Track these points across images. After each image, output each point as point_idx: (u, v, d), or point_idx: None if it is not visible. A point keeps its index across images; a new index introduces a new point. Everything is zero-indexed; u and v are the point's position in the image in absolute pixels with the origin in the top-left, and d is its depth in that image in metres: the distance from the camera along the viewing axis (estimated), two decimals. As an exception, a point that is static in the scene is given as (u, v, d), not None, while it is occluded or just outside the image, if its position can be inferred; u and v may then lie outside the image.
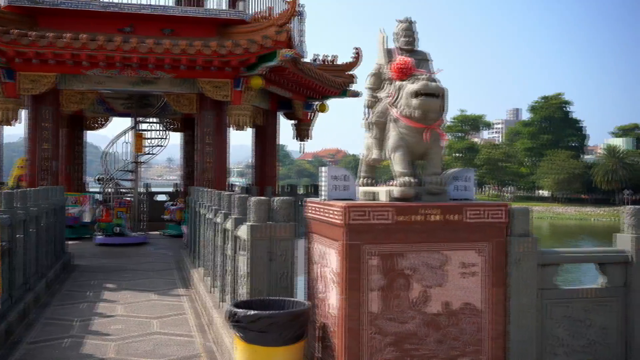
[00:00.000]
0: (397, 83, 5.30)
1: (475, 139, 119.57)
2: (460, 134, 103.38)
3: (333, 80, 17.91)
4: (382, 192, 5.31)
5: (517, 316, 5.22)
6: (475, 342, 5.15)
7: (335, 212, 5.04)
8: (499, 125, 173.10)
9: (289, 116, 19.86)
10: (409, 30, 5.74)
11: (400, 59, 5.36)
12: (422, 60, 5.73)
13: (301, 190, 19.42)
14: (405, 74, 5.29)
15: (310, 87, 17.40)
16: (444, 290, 5.09)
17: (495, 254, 5.21)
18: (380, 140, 5.56)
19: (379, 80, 5.86)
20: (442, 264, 5.10)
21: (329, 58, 19.14)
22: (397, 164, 5.23)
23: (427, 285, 5.07)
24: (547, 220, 74.97)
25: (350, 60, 19.50)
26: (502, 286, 5.22)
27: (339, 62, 19.56)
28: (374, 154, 5.64)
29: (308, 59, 18.59)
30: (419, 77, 5.19)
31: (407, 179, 5.12)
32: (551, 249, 5.57)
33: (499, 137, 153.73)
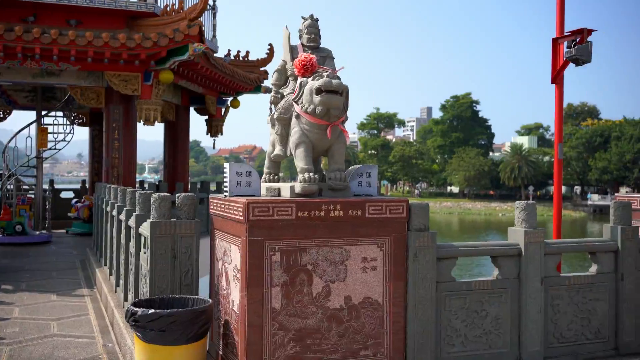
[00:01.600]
0: (301, 80, 5.33)
1: (390, 137, 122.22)
2: (374, 132, 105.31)
3: (246, 76, 17.79)
4: (285, 188, 5.33)
5: (416, 309, 5.37)
6: (376, 335, 5.25)
7: (237, 209, 5.01)
8: (412, 123, 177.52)
9: (201, 111, 19.56)
10: (312, 28, 5.78)
11: (303, 55, 5.39)
12: (326, 57, 5.79)
13: (214, 187, 19.18)
14: (308, 70, 5.32)
15: (222, 82, 17.21)
16: (345, 285, 5.16)
17: (395, 249, 5.33)
18: (284, 137, 5.57)
19: (283, 77, 5.88)
20: (344, 259, 5.17)
21: (242, 54, 18.99)
22: (299, 160, 5.26)
23: (328, 280, 5.12)
24: (457, 215, 77.68)
25: (264, 56, 19.44)
26: (401, 280, 5.35)
27: (253, 58, 19.45)
28: (278, 150, 5.65)
29: (221, 54, 18.37)
30: (322, 74, 5.23)
31: (309, 175, 5.15)
32: (448, 243, 5.76)
33: (412, 134, 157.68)
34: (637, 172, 73.79)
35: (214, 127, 19.48)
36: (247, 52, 19.17)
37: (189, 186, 17.80)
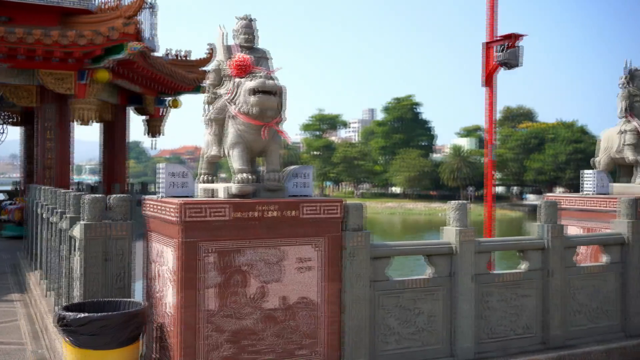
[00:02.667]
0: (236, 80, 5.30)
1: (333, 138, 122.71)
2: (318, 133, 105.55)
3: (185, 75, 17.56)
4: (221, 189, 5.29)
5: (351, 307, 5.42)
6: (312, 335, 5.28)
7: (171, 210, 4.95)
8: (355, 125, 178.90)
9: (140, 111, 19.20)
10: (248, 28, 5.76)
11: (239, 56, 5.36)
12: (262, 58, 5.77)
13: (153, 188, 18.85)
14: (243, 71, 5.30)
15: (161, 82, 16.94)
16: (281, 285, 5.17)
17: (331, 248, 5.37)
18: (219, 137, 5.53)
19: (219, 77, 5.83)
20: (280, 259, 5.18)
21: (182, 53, 18.74)
22: (235, 160, 5.23)
23: (264, 281, 5.12)
24: (399, 215, 78.71)
25: (205, 56, 19.22)
26: (337, 279, 5.39)
27: (193, 57, 19.21)
28: (213, 150, 5.60)
29: (160, 53, 18.08)
30: (257, 74, 5.22)
31: (245, 175, 5.13)
32: (383, 242, 5.84)
33: (355, 135, 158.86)
34: (570, 173, 76.42)
35: (153, 128, 19.16)
36: (187, 52, 18.93)
37: (127, 187, 17.45)
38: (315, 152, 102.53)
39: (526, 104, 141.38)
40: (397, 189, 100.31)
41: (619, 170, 8.33)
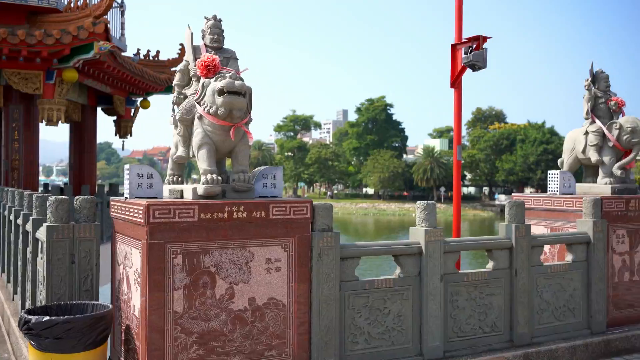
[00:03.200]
0: (203, 80, 5.28)
1: (306, 139, 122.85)
2: (291, 134, 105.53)
3: (156, 76, 17.42)
4: (188, 190, 5.26)
5: (320, 308, 5.43)
6: (281, 335, 5.28)
7: (138, 211, 4.91)
8: (329, 126, 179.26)
9: (109, 112, 18.99)
10: (215, 28, 5.74)
11: (206, 56, 5.34)
12: (230, 58, 5.76)
13: (123, 190, 18.65)
14: (211, 71, 5.28)
15: (131, 82, 16.78)
16: (249, 287, 5.16)
17: (299, 249, 5.38)
18: (187, 138, 5.50)
19: (186, 77, 5.81)
20: (248, 260, 5.17)
21: (152, 53, 18.59)
22: (202, 161, 5.21)
23: (232, 282, 5.10)
24: (372, 216, 79.11)
25: (176, 56, 19.10)
26: (306, 280, 5.40)
27: (164, 58, 19.07)
28: (180, 151, 5.57)
29: (130, 53, 17.91)
30: (224, 75, 5.20)
31: (212, 176, 5.11)
32: (352, 242, 5.86)
33: (328, 136, 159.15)
34: (540, 173, 77.55)
35: (123, 128, 18.96)
36: (158, 52, 18.78)
37: (97, 189, 17.24)
38: (288, 153, 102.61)
39: (497, 105, 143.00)
40: (370, 190, 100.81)
41: (585, 171, 8.47)
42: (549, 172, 8.01)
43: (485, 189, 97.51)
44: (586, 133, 8.00)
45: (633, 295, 7.52)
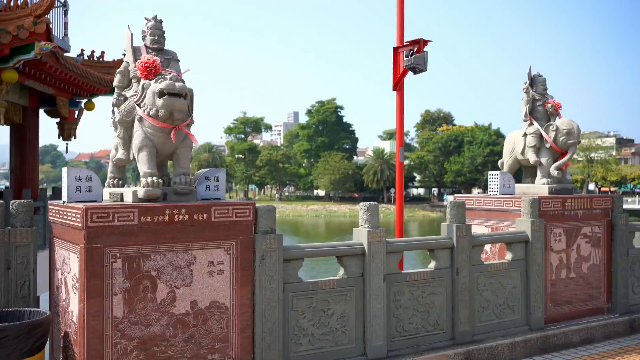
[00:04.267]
0: (143, 82, 5.21)
1: (257, 141, 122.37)
2: (242, 136, 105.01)
3: (101, 77, 17.05)
4: (128, 193, 5.19)
5: (263, 310, 5.43)
6: (224, 339, 5.25)
7: (75, 215, 4.81)
8: (280, 128, 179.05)
9: (52, 114, 18.46)
10: (156, 29, 5.68)
11: (146, 57, 5.28)
12: (171, 59, 5.70)
13: (67, 193, 18.17)
14: (151, 72, 5.23)
15: (74, 83, 16.37)
16: (191, 290, 5.12)
17: (242, 252, 5.36)
18: (127, 140, 5.43)
19: (126, 79, 5.73)
20: (189, 263, 5.12)
21: (97, 54, 18.19)
22: (142, 164, 5.15)
23: (174, 286, 5.05)
24: (324, 217, 79.35)
25: (122, 57, 18.74)
26: (248, 282, 5.39)
27: (110, 58, 18.69)
28: (120, 153, 5.49)
29: (74, 53, 17.48)
30: (165, 76, 5.16)
31: (152, 179, 5.05)
32: (295, 244, 5.88)
33: (279, 138, 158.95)
34: (487, 174, 79.35)
35: (67, 131, 18.47)
36: (102, 53, 18.39)
37: (39, 192, 16.77)
38: (239, 155, 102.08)
39: (445, 108, 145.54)
40: (321, 192, 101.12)
41: (524, 171, 8.70)
42: (489, 173, 8.21)
43: (434, 190, 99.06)
44: (525, 135, 8.23)
45: (570, 292, 7.76)
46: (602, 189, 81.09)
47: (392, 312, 6.26)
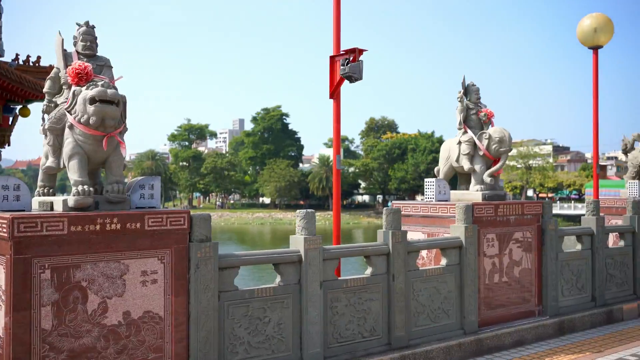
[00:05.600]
0: (74, 88, 5.12)
1: (202, 148, 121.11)
2: (186, 143, 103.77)
3: (36, 82, 16.57)
4: (58, 202, 5.08)
5: (198, 319, 5.38)
6: (158, 349, 5.18)
7: (2, 225, 4.67)
8: (225, 135, 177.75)
9: (-16, 120, 17.86)
10: (88, 35, 5.58)
11: (77, 63, 5.19)
12: (103, 66, 5.62)
13: None
14: (82, 79, 5.14)
15: (8, 89, 15.87)
16: (123, 300, 5.04)
17: (177, 260, 5.32)
18: (57, 148, 5.31)
19: (57, 85, 5.61)
20: (122, 273, 5.05)
21: (33, 58, 17.70)
22: (73, 172, 5.05)
23: (105, 296, 4.96)
24: (269, 225, 79.11)
25: (58, 62, 18.27)
26: (184, 291, 5.34)
27: (47, 63, 18.20)
28: (50, 161, 5.37)
29: (8, 58, 16.96)
30: (97, 83, 5.08)
31: (83, 187, 4.96)
32: (231, 252, 5.86)
33: (224, 146, 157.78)
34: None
35: (1, 137, 17.89)
36: (38, 57, 17.91)
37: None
38: (183, 163, 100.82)
39: (389, 115, 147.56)
40: (267, 199, 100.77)
41: (459, 178, 8.92)
42: (425, 180, 8.38)
43: (379, 197, 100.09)
44: (459, 143, 8.44)
45: (503, 295, 7.99)
46: (540, 195, 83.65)
47: (329, 318, 6.30)
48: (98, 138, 5.07)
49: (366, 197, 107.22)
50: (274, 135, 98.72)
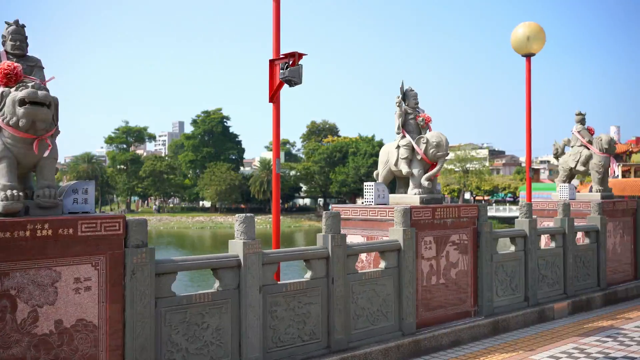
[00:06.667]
0: (3, 89, 4.94)
1: (140, 151, 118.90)
2: (124, 146, 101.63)
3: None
4: (-15, 208, 4.87)
5: (134, 327, 5.26)
6: (92, 358, 5.04)
7: None
8: (164, 138, 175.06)
9: None
10: (18, 34, 5.40)
11: (6, 63, 5.00)
12: (34, 66, 5.45)
13: None
14: (11, 80, 4.96)
15: None
16: (55, 309, 4.88)
17: (112, 267, 5.19)
18: (-16, 151, 5.09)
19: (-16, 86, 5.38)
20: (54, 280, 4.88)
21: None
22: (1, 176, 4.86)
23: (36, 305, 4.79)
24: (210, 229, 78.27)
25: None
26: (119, 299, 5.21)
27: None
28: (-24, 166, 5.14)
29: None
30: (27, 84, 4.91)
31: (12, 192, 4.78)
32: (168, 258, 5.75)
33: (164, 149, 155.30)
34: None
35: None
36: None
37: None
38: (121, 166, 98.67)
39: (330, 119, 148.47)
40: (207, 203, 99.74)
41: (397, 182, 9.05)
42: (365, 184, 8.46)
43: (321, 200, 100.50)
44: (398, 147, 8.56)
45: (440, 297, 8.14)
46: (477, 197, 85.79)
47: (269, 323, 6.27)
48: (28, 141, 4.90)
49: (307, 201, 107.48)
50: (214, 139, 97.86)
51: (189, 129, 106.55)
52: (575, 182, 13.00)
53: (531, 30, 12.12)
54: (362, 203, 8.56)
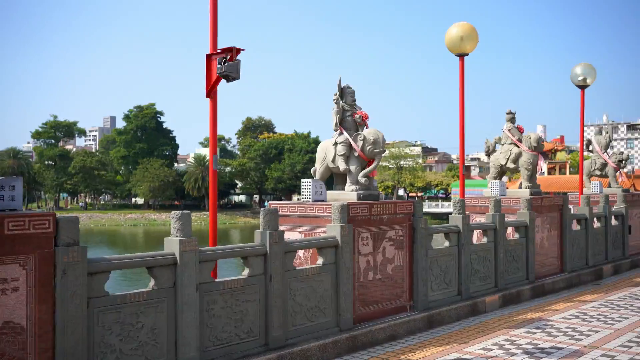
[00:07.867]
0: None
1: (69, 147, 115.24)
2: (52, 141, 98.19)
3: None
4: None
5: (65, 328, 5.08)
6: (19, 362, 4.84)
7: None
8: (95, 133, 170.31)
9: None
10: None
11: None
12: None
13: None
14: None
15: None
16: (-20, 311, 4.65)
17: (41, 266, 4.99)
18: None
19: None
20: (-22, 281, 4.66)
21: None
22: None
23: (-42, 307, 4.56)
24: (142, 227, 76.70)
25: None
26: (48, 299, 5.02)
27: None
28: None
29: None
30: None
31: None
32: (101, 256, 5.58)
33: (94, 144, 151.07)
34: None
35: None
36: None
37: None
38: (49, 162, 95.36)
39: (266, 115, 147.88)
40: (140, 200, 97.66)
41: (335, 179, 9.08)
42: (302, 180, 8.45)
43: (256, 197, 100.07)
44: (335, 144, 8.60)
45: (377, 292, 8.23)
46: (411, 194, 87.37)
47: (206, 321, 6.18)
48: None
49: (243, 197, 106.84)
50: (147, 134, 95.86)
51: (120, 124, 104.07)
52: (504, 178, 13.40)
53: (464, 30, 12.37)
54: (300, 200, 8.56)
